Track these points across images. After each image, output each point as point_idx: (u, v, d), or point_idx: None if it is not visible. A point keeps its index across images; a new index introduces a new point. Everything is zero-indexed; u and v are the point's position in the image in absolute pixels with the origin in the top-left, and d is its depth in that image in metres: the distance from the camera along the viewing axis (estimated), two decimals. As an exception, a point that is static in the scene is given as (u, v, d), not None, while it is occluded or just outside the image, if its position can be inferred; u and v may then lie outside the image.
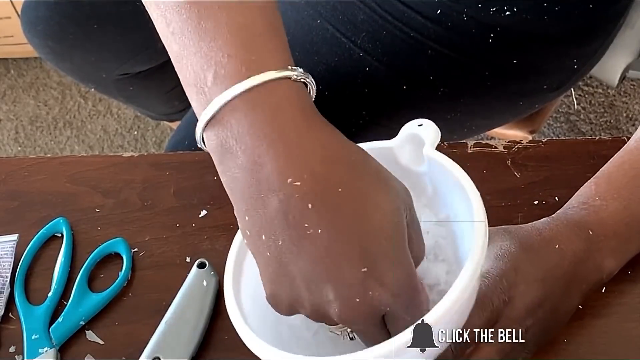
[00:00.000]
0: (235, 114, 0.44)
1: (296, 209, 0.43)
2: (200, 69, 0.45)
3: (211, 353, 0.61)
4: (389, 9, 0.76)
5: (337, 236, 0.43)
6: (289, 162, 0.43)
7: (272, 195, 0.43)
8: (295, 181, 0.43)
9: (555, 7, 0.74)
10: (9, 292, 0.65)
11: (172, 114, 1.26)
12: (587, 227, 0.56)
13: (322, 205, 0.43)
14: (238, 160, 0.44)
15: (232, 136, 0.44)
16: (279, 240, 0.44)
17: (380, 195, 0.44)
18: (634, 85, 1.64)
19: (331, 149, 0.44)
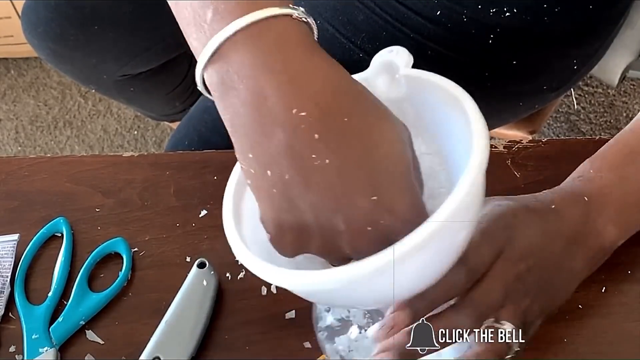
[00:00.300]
0: (236, 48, 0.43)
1: (303, 140, 0.42)
2: (199, 6, 0.44)
3: (211, 353, 0.61)
4: (389, 10, 0.76)
5: (345, 165, 0.42)
6: (293, 92, 0.42)
7: (277, 127, 0.42)
8: (300, 112, 0.42)
9: (555, 8, 0.74)
10: (9, 291, 0.65)
11: (173, 114, 1.27)
12: (583, 194, 0.57)
13: (328, 135, 0.42)
14: (240, 94, 0.43)
15: (234, 70, 0.43)
16: (285, 175, 0.43)
17: (385, 125, 0.44)
18: (634, 85, 1.64)
19: (335, 80, 0.44)
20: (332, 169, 0.42)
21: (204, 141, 0.83)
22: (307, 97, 0.42)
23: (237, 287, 0.63)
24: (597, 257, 0.57)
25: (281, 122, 0.42)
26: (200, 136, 0.83)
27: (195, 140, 0.84)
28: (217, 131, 0.82)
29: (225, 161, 0.70)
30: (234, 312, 0.62)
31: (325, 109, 0.42)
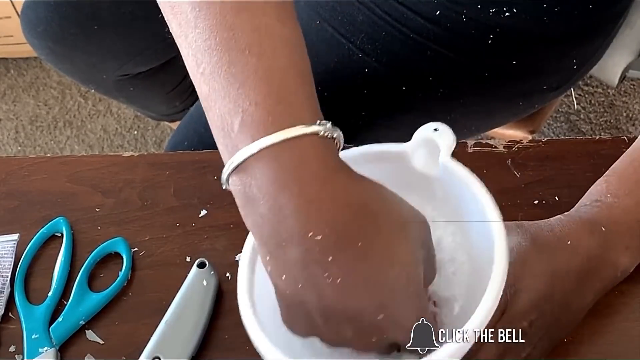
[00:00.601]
0: (259, 164, 0.44)
1: (316, 261, 0.44)
2: (227, 113, 0.45)
3: (211, 353, 0.61)
4: (389, 10, 0.76)
5: (355, 287, 0.44)
6: (309, 216, 0.44)
7: (292, 246, 0.44)
8: (315, 235, 0.43)
9: (554, 8, 0.74)
10: (9, 291, 0.65)
11: (173, 114, 1.27)
12: (600, 224, 0.56)
13: (341, 258, 0.44)
14: (261, 208, 0.44)
15: (256, 185, 0.44)
16: (298, 284, 0.45)
17: (399, 247, 0.45)
18: (633, 85, 1.64)
19: (352, 202, 0.45)
20: (342, 288, 0.44)
21: (203, 141, 0.83)
22: (323, 221, 0.44)
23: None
24: (608, 287, 0.57)
25: (297, 242, 0.44)
26: (200, 136, 0.83)
27: (195, 141, 0.84)
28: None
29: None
30: (234, 312, 0.62)
31: (340, 233, 0.44)
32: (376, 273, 0.44)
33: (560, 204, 0.60)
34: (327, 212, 0.44)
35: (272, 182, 0.44)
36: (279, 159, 0.44)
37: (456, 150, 0.67)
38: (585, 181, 0.60)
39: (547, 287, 0.53)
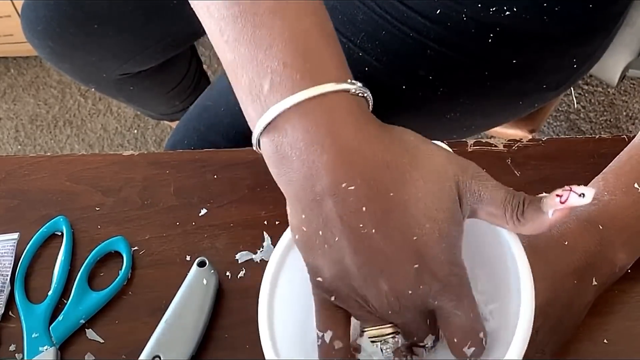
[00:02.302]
0: (290, 122, 0.45)
1: (351, 211, 0.45)
2: (256, 76, 0.46)
3: (211, 352, 0.61)
4: (389, 9, 0.76)
5: (390, 237, 0.45)
6: (342, 167, 0.44)
7: (327, 198, 0.45)
8: (349, 186, 0.44)
9: (555, 7, 0.74)
10: (9, 290, 0.65)
11: (173, 113, 1.27)
12: (597, 222, 0.56)
13: (375, 209, 0.44)
14: (294, 165, 0.45)
15: (287, 142, 0.45)
16: (335, 237, 0.45)
17: (430, 201, 0.46)
18: (633, 84, 1.64)
19: (384, 154, 0.45)
20: (377, 238, 0.45)
21: (203, 140, 0.83)
22: (356, 172, 0.44)
23: (237, 286, 0.63)
24: (607, 283, 0.57)
25: (331, 193, 0.45)
26: (199, 135, 0.83)
27: (195, 139, 0.84)
28: (216, 130, 0.82)
29: (224, 160, 0.71)
30: (234, 311, 0.62)
31: (372, 183, 0.45)
32: (408, 225, 0.45)
33: (560, 203, 0.59)
34: (359, 164, 0.44)
35: (304, 137, 0.44)
36: (309, 115, 0.44)
37: (456, 150, 0.67)
38: (585, 180, 0.60)
39: (549, 291, 0.53)
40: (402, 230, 0.45)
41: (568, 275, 0.54)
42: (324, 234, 0.46)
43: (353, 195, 0.44)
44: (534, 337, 0.52)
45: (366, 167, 0.45)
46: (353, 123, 0.45)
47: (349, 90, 0.46)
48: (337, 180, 0.44)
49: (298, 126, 0.45)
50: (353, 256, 0.45)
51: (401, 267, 0.45)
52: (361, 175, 0.44)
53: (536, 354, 0.53)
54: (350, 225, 0.45)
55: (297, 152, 0.45)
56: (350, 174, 0.44)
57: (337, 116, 0.45)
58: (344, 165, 0.44)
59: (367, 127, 0.46)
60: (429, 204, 0.45)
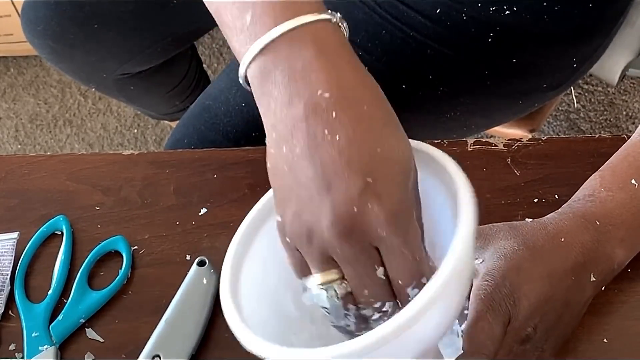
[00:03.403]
0: (275, 48, 0.46)
1: (319, 115, 0.45)
2: (238, 10, 0.48)
3: (211, 351, 0.61)
4: (389, 9, 0.76)
5: (351, 144, 0.44)
6: (321, 76, 0.45)
7: (299, 101, 0.45)
8: (324, 93, 0.45)
9: (555, 7, 0.74)
10: (9, 290, 0.65)
11: (173, 113, 1.27)
12: (594, 218, 0.56)
13: (345, 115, 0.45)
14: (276, 78, 0.46)
15: (271, 61, 0.46)
16: (296, 148, 0.45)
17: (398, 129, 0.47)
18: (633, 84, 1.64)
19: (362, 76, 0.47)
20: (338, 145, 0.44)
21: (203, 139, 0.83)
22: (334, 82, 0.45)
23: (237, 285, 0.63)
24: (606, 279, 0.57)
25: (305, 98, 0.45)
26: (199, 134, 0.83)
27: (195, 139, 0.84)
28: (216, 129, 0.82)
29: (224, 159, 0.71)
30: (234, 310, 0.62)
31: (348, 94, 0.45)
32: (374, 138, 0.45)
33: (560, 203, 0.60)
34: (337, 75, 0.46)
35: (288, 54, 0.46)
36: (294, 39, 0.46)
37: (456, 149, 0.67)
38: (585, 179, 0.60)
39: (546, 289, 0.53)
40: (365, 139, 0.44)
41: (565, 272, 0.54)
42: (287, 148, 0.46)
43: (326, 101, 0.45)
44: (532, 335, 0.52)
45: (346, 80, 0.46)
46: (335, 46, 0.47)
47: (330, 20, 0.47)
48: (314, 86, 0.45)
49: (282, 47, 0.46)
50: (307, 167, 0.45)
51: (351, 178, 0.44)
52: (338, 85, 0.45)
53: (535, 352, 0.53)
54: (315, 131, 0.44)
55: (279, 66, 0.46)
56: (328, 83, 0.45)
57: (320, 38, 0.46)
58: (323, 75, 0.45)
59: (348, 52, 0.47)
60: (399, 129, 0.46)
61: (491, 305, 0.52)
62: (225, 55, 1.77)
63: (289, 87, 0.46)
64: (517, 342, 0.52)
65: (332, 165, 0.44)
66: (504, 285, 0.52)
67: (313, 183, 0.45)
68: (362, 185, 0.44)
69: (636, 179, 0.58)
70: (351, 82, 0.46)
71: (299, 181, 0.45)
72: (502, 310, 0.52)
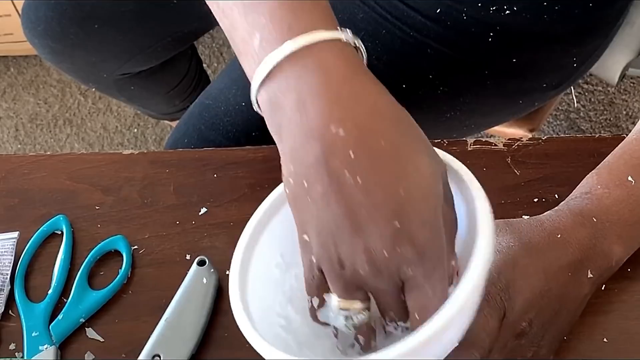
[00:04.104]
0: (283, 70, 0.45)
1: (338, 156, 0.43)
2: (248, 36, 0.47)
3: (211, 351, 0.61)
4: (389, 8, 0.76)
5: (374, 187, 0.43)
6: (333, 110, 0.44)
7: (315, 142, 0.44)
8: (338, 130, 0.43)
9: (555, 6, 0.74)
10: (9, 289, 0.65)
11: (173, 113, 1.27)
12: (591, 215, 0.57)
13: (363, 155, 0.43)
14: (286, 110, 0.45)
15: (280, 89, 0.45)
16: (319, 186, 0.44)
17: (420, 156, 0.45)
18: (633, 83, 1.64)
19: (377, 103, 0.45)
20: (362, 188, 0.43)
21: (203, 139, 0.83)
22: (347, 116, 0.44)
23: (237, 285, 0.63)
24: (604, 276, 0.57)
25: (319, 137, 0.44)
26: (199, 134, 0.84)
27: (195, 138, 0.84)
28: (216, 129, 0.82)
29: (224, 159, 0.71)
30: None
31: (364, 129, 0.44)
32: (397, 177, 0.44)
33: (560, 202, 0.60)
34: (350, 108, 0.44)
35: (296, 83, 0.44)
36: (301, 62, 0.45)
37: (456, 149, 0.67)
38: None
39: (541, 284, 0.53)
40: (388, 180, 0.43)
41: (561, 268, 0.54)
42: (309, 183, 0.45)
43: (342, 140, 0.43)
44: (528, 330, 0.52)
45: (358, 112, 0.44)
46: (346, 71, 0.45)
47: (340, 39, 0.46)
48: (327, 123, 0.43)
49: (291, 73, 0.45)
50: (334, 207, 0.44)
51: (381, 223, 0.43)
52: (352, 120, 0.44)
53: (531, 347, 0.53)
54: (336, 172, 0.43)
55: (288, 97, 0.45)
56: (341, 118, 0.43)
57: (329, 62, 0.45)
58: (335, 110, 0.44)
59: (361, 76, 0.46)
60: (420, 158, 0.45)
61: (486, 300, 0.51)
62: (225, 55, 1.77)
63: (300, 125, 0.44)
64: (513, 337, 0.52)
65: (359, 209, 0.44)
66: (499, 280, 0.52)
67: (342, 223, 0.44)
68: (390, 230, 0.43)
69: (633, 176, 0.58)
70: (365, 113, 0.44)
71: (327, 216, 0.45)
72: (497, 304, 0.52)
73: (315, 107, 0.44)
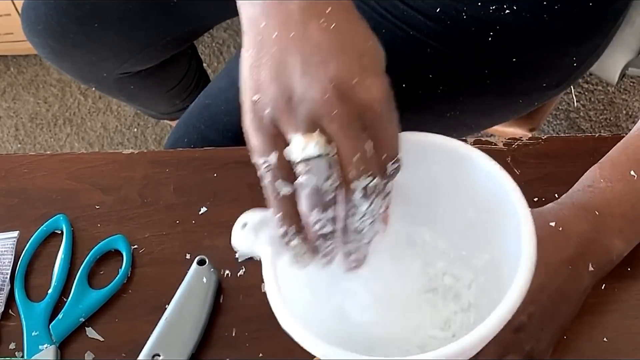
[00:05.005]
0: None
1: (315, 7, 0.47)
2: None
3: (211, 350, 0.61)
4: (389, 8, 0.76)
5: (347, 31, 0.47)
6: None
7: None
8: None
9: (555, 6, 0.74)
10: (9, 289, 0.65)
11: (173, 112, 1.27)
12: (593, 209, 0.57)
13: (340, 11, 0.47)
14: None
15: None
16: (291, 32, 0.46)
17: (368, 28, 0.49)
18: (633, 83, 1.64)
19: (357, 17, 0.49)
20: (335, 31, 0.46)
21: (203, 138, 0.83)
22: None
23: (237, 284, 0.63)
24: (605, 270, 0.57)
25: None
26: (199, 133, 0.83)
27: (195, 138, 0.84)
28: (216, 128, 0.82)
29: (224, 158, 0.71)
30: (234, 309, 0.63)
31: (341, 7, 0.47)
32: (365, 32, 0.48)
33: (560, 201, 0.60)
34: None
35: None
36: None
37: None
38: (584, 178, 0.60)
39: (542, 277, 0.53)
40: (360, 32, 0.48)
41: (562, 262, 0.54)
42: (282, 32, 0.47)
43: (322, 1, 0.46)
44: (527, 323, 0.52)
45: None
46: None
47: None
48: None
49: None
50: (303, 45, 0.46)
51: (349, 57, 0.46)
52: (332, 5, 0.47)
53: (530, 341, 0.53)
54: (312, 19, 0.46)
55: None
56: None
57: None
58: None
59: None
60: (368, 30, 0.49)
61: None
62: (225, 55, 1.77)
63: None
64: (510, 330, 0.52)
65: (330, 45, 0.46)
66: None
67: (310, 58, 0.46)
68: (359, 64, 0.46)
69: (635, 170, 0.58)
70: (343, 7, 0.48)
71: (291, 59, 0.46)
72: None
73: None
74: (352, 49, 0.47)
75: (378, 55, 0.49)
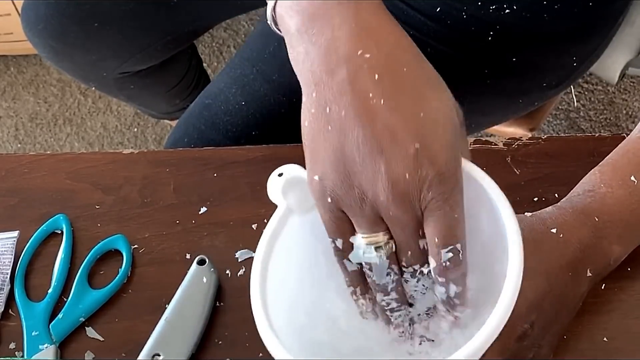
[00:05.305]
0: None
1: (363, 79, 0.45)
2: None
3: (211, 350, 0.61)
4: (389, 7, 0.75)
5: (397, 109, 0.45)
6: (360, 36, 0.46)
7: (341, 65, 0.46)
8: (365, 53, 0.46)
9: (555, 5, 0.74)
10: (9, 288, 0.65)
11: (173, 112, 1.27)
12: (593, 214, 0.57)
13: (387, 78, 0.46)
14: (312, 37, 0.47)
15: (307, 16, 0.47)
16: (342, 111, 0.45)
17: (439, 87, 0.48)
18: (633, 83, 1.64)
19: (402, 39, 0.48)
20: (385, 110, 0.45)
21: (203, 138, 0.83)
22: (373, 42, 0.46)
23: (237, 284, 0.63)
24: (602, 274, 0.57)
25: (346, 60, 0.46)
26: (199, 133, 0.83)
27: (195, 137, 0.84)
28: (216, 128, 0.82)
29: (224, 158, 0.71)
30: (234, 309, 0.63)
31: (389, 55, 0.46)
32: (418, 101, 0.46)
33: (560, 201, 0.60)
34: (378, 36, 0.46)
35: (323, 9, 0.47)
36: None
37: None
38: (584, 178, 0.60)
39: (544, 285, 0.53)
40: (410, 104, 0.45)
41: (563, 268, 0.54)
42: (331, 109, 0.46)
43: (367, 63, 0.45)
44: (529, 332, 0.52)
45: (384, 40, 0.46)
46: (373, 4, 0.48)
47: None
48: (354, 47, 0.45)
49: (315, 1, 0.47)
50: (357, 129, 0.45)
51: (403, 144, 0.45)
52: (378, 46, 0.46)
53: (532, 349, 0.53)
54: (360, 95, 0.45)
55: (316, 25, 0.46)
56: (368, 43, 0.46)
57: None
58: (362, 34, 0.46)
59: (386, 13, 0.48)
60: (438, 87, 0.47)
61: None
62: (225, 55, 1.77)
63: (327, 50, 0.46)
64: (513, 339, 0.52)
65: (382, 132, 0.45)
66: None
67: (364, 146, 0.45)
68: (412, 152, 0.45)
69: (635, 175, 0.58)
70: (391, 44, 0.47)
71: (348, 143, 0.46)
72: None
73: (344, 34, 0.46)
74: (403, 131, 0.45)
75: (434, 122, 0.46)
